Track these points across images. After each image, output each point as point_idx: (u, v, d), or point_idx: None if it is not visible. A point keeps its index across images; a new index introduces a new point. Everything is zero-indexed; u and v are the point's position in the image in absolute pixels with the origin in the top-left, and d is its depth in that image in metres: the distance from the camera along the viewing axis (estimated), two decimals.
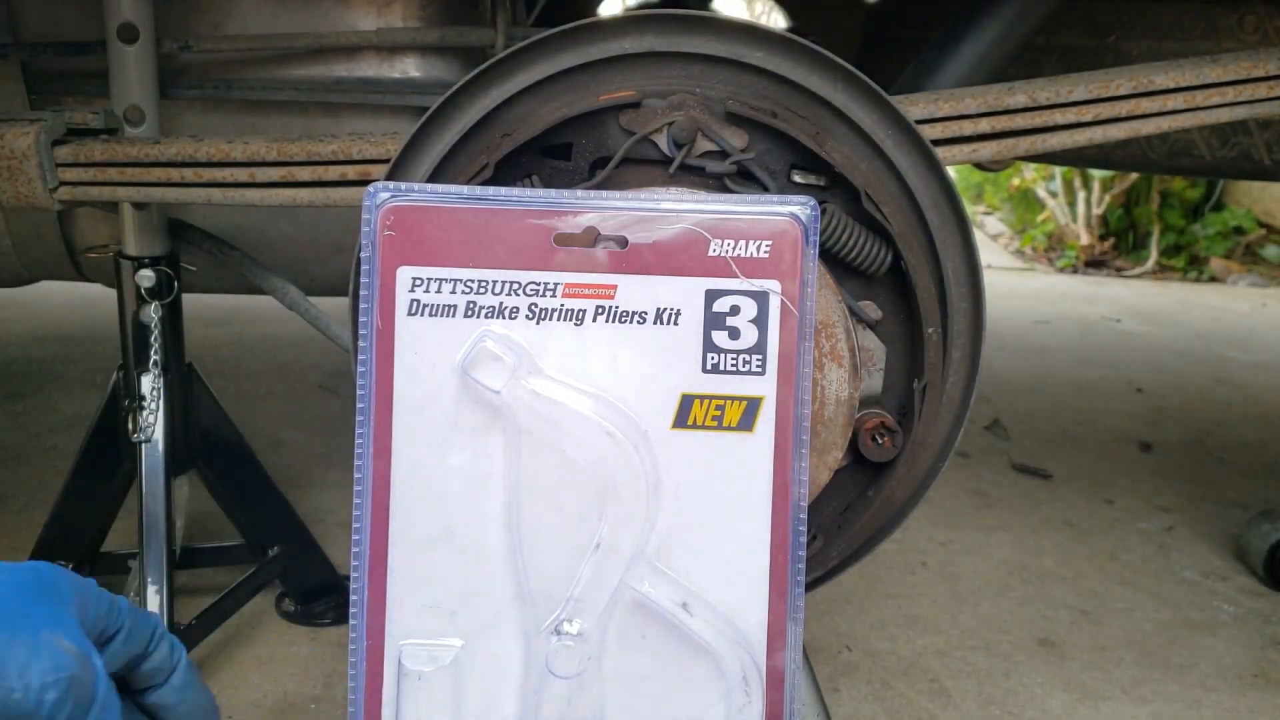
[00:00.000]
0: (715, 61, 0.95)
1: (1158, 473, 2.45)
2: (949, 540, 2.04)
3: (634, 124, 0.94)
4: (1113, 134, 1.08)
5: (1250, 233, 5.21)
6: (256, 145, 1.10)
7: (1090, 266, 5.24)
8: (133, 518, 1.40)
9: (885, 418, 0.97)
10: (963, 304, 0.98)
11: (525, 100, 0.95)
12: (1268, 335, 3.96)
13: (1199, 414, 2.91)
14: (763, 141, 0.95)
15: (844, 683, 1.54)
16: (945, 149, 1.05)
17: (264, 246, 1.49)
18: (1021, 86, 1.07)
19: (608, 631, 0.79)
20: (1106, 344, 3.69)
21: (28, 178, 1.12)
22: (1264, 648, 1.70)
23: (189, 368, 1.48)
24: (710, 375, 0.79)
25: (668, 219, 0.78)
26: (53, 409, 2.47)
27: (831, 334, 0.93)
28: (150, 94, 1.30)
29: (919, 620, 1.73)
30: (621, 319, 0.79)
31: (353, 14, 1.42)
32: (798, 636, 0.80)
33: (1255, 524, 1.95)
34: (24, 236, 1.51)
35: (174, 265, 1.39)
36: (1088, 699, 1.53)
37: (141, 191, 1.14)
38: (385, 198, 0.78)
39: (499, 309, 0.78)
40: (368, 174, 1.08)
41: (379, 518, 0.79)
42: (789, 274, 0.78)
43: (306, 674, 1.48)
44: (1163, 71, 1.08)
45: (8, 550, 1.75)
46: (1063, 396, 3.01)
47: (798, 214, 0.78)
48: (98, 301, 3.10)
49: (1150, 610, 1.80)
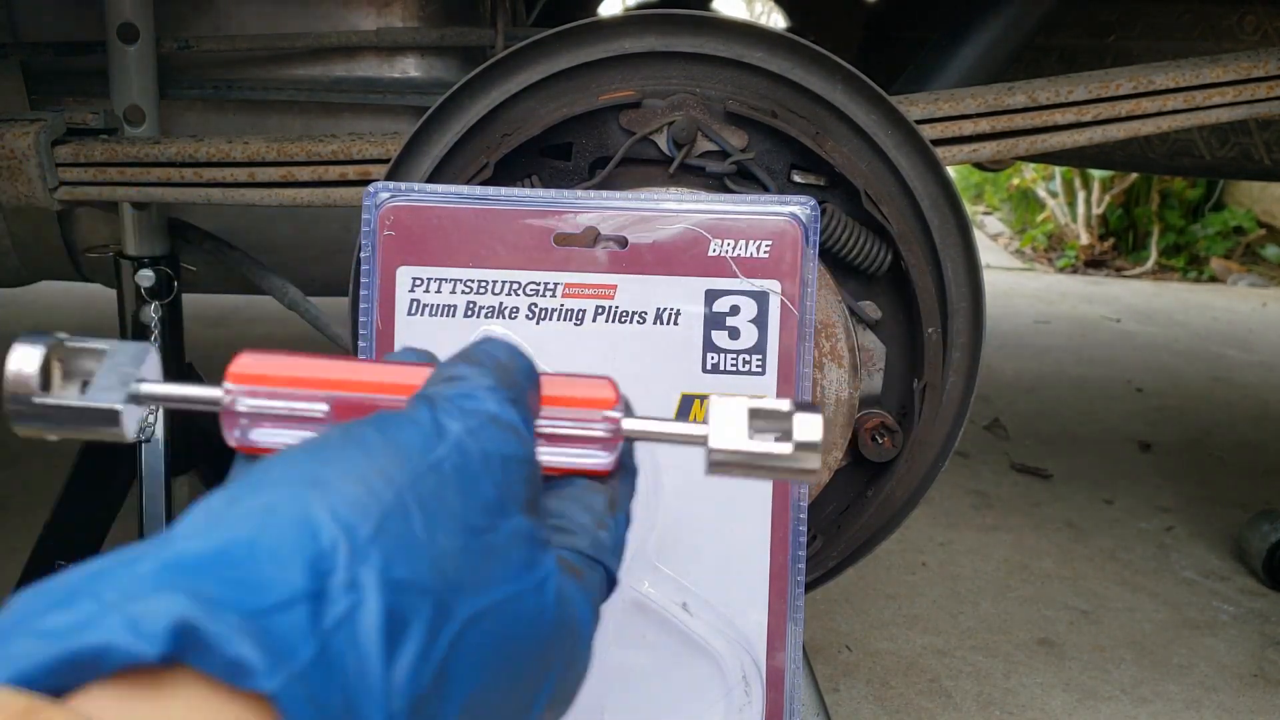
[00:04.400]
0: (715, 61, 0.95)
1: (1158, 473, 2.44)
2: (949, 540, 2.04)
3: (634, 124, 0.94)
4: (1113, 134, 1.08)
5: (1250, 233, 5.21)
6: (256, 145, 1.10)
7: (1090, 266, 5.23)
8: (133, 518, 1.40)
9: (885, 418, 0.97)
10: (963, 304, 0.98)
11: (525, 100, 0.95)
12: (1267, 335, 3.96)
13: (1199, 414, 2.91)
14: (763, 141, 0.95)
15: (844, 683, 1.54)
16: (945, 149, 1.05)
17: (264, 246, 1.49)
18: (1021, 86, 1.07)
19: (608, 631, 0.79)
20: (1106, 344, 3.69)
21: (28, 177, 1.12)
22: (1264, 648, 1.70)
23: (189, 368, 1.47)
24: (710, 375, 0.79)
25: (668, 219, 0.78)
26: None
27: (831, 334, 0.93)
28: (150, 94, 1.30)
29: (919, 620, 1.73)
30: (621, 319, 0.79)
31: (353, 14, 1.42)
32: (798, 636, 0.80)
33: (1255, 524, 1.95)
34: (24, 236, 1.51)
35: (174, 265, 1.39)
36: (1088, 699, 1.53)
37: (141, 191, 1.14)
38: (385, 198, 0.78)
39: (499, 309, 0.78)
40: (368, 174, 1.08)
41: None
42: (789, 274, 0.78)
43: None
44: (1163, 71, 1.08)
45: (8, 550, 1.75)
46: (1063, 396, 3.01)
47: (798, 214, 0.78)
48: (98, 301, 3.10)
49: (1150, 610, 1.80)
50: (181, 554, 0.32)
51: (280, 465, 0.36)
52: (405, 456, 0.37)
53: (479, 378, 0.43)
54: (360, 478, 0.35)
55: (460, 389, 0.42)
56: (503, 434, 0.41)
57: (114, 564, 0.32)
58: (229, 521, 0.33)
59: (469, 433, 0.40)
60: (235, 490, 0.35)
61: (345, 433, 0.38)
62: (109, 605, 0.30)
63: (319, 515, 0.34)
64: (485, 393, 0.42)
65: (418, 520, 0.36)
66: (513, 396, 0.43)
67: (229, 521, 0.33)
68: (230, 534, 0.33)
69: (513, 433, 0.42)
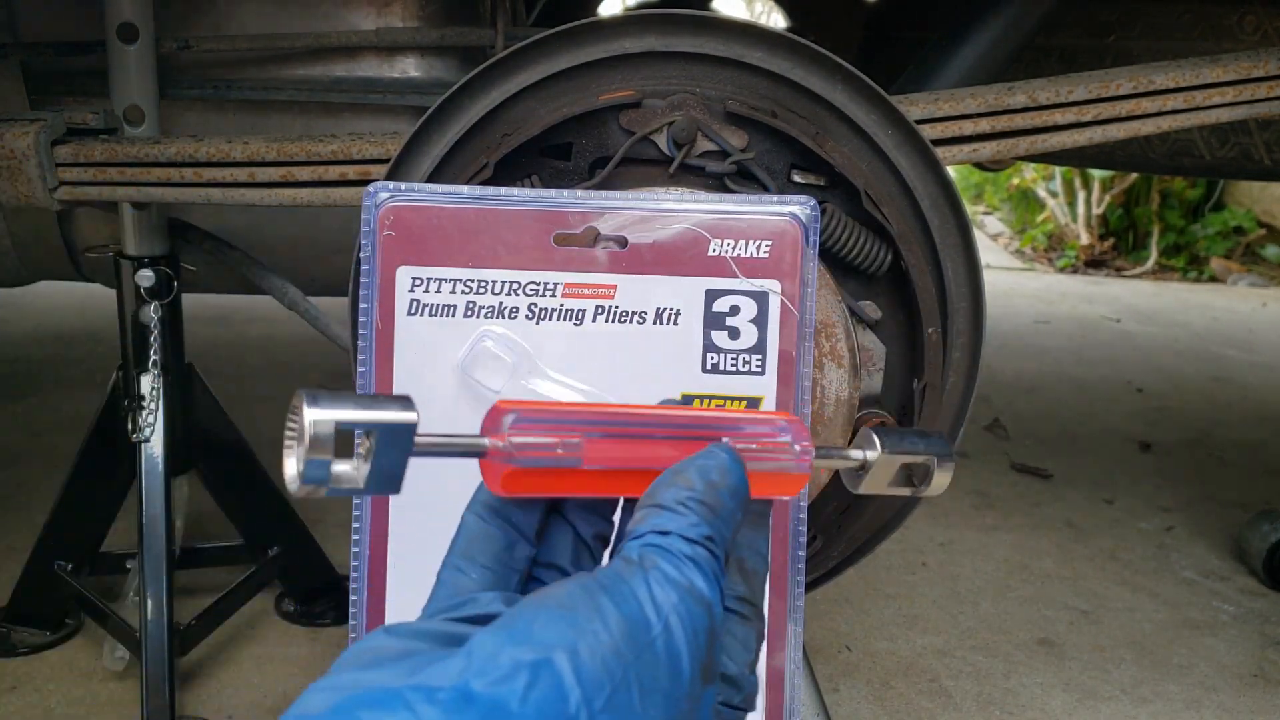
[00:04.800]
0: (715, 61, 0.95)
1: (1158, 473, 2.44)
2: (949, 540, 2.04)
3: (634, 124, 0.94)
4: (1113, 134, 1.08)
5: (1250, 233, 5.21)
6: (256, 145, 1.10)
7: (1090, 266, 5.24)
8: (133, 518, 1.40)
9: (885, 418, 0.97)
10: (963, 304, 0.98)
11: (525, 100, 0.95)
12: (1268, 335, 3.96)
13: (1199, 414, 2.91)
14: (763, 141, 0.95)
15: (844, 683, 1.54)
16: (945, 149, 1.05)
17: (264, 246, 1.49)
18: (1021, 86, 1.07)
19: None
20: (1106, 344, 3.69)
21: (28, 178, 1.12)
22: (1264, 648, 1.70)
23: (189, 368, 1.47)
24: (710, 375, 0.79)
25: (668, 219, 0.78)
26: (53, 409, 2.47)
27: (831, 334, 0.93)
28: (150, 94, 1.30)
29: (919, 620, 1.73)
30: (621, 319, 0.78)
31: (353, 14, 1.42)
32: (798, 636, 0.79)
33: (1255, 524, 1.95)
34: (24, 236, 1.51)
35: (174, 265, 1.39)
36: (1088, 699, 1.53)
37: (141, 191, 1.14)
38: (385, 197, 0.78)
39: (499, 309, 0.78)
40: (367, 174, 1.08)
41: (379, 518, 0.79)
42: (789, 274, 0.78)
43: (306, 674, 1.48)
44: (1163, 71, 1.08)
45: (7, 550, 1.75)
46: (1063, 396, 3.01)
47: (798, 214, 0.78)
48: (98, 301, 3.10)
49: (1150, 610, 1.80)
50: (474, 689, 0.38)
51: (542, 621, 0.42)
52: (631, 633, 0.42)
53: (683, 517, 0.48)
54: (600, 652, 0.41)
55: (662, 536, 0.47)
56: (702, 610, 0.46)
57: (426, 678, 0.39)
58: (501, 671, 0.39)
59: (675, 611, 0.44)
60: (506, 634, 0.41)
61: (587, 595, 0.43)
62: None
63: (570, 684, 0.39)
64: (683, 546, 0.47)
65: (635, 695, 0.41)
66: (706, 538, 0.48)
67: (501, 671, 0.39)
68: (505, 686, 0.39)
69: (708, 609, 0.46)
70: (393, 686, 0.38)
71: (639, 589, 0.44)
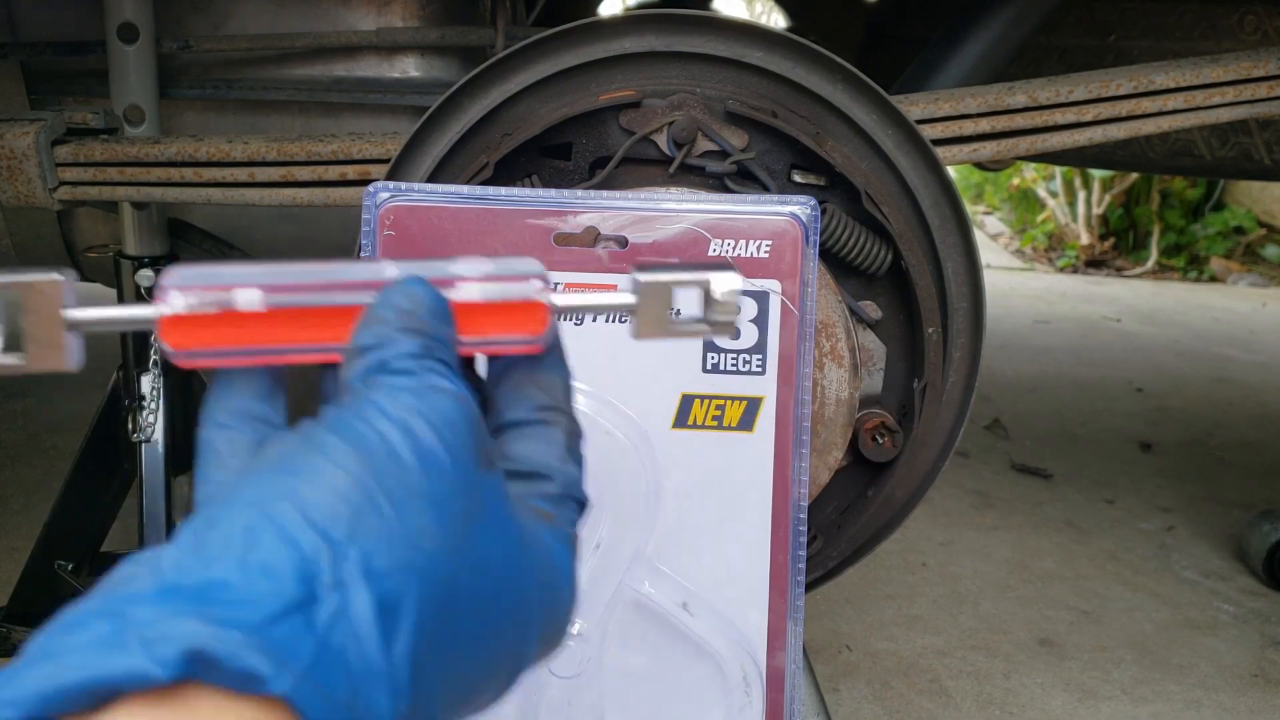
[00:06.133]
0: (715, 61, 0.95)
1: (1158, 473, 2.44)
2: (949, 540, 2.03)
3: (634, 124, 0.94)
4: (1113, 134, 1.08)
5: (1250, 233, 5.21)
6: (256, 145, 1.10)
7: (1090, 266, 5.23)
8: (133, 518, 1.40)
9: (885, 418, 0.97)
10: (963, 304, 0.98)
11: (525, 100, 0.95)
12: (1268, 335, 3.96)
13: (1199, 414, 2.91)
14: (763, 141, 0.95)
15: (844, 683, 1.54)
16: (945, 149, 1.05)
17: (264, 246, 1.49)
18: (1021, 86, 1.07)
19: (608, 632, 0.79)
20: (1107, 344, 3.69)
21: (28, 177, 1.12)
22: (1264, 648, 1.70)
23: None
24: (710, 375, 0.79)
25: (668, 219, 0.78)
26: (53, 409, 2.47)
27: (831, 334, 0.93)
28: (150, 94, 1.30)
29: (919, 620, 1.73)
30: (621, 319, 0.78)
31: (353, 14, 1.42)
32: (798, 636, 0.79)
33: (1255, 524, 1.95)
34: (24, 236, 1.51)
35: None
36: (1088, 699, 1.53)
37: (141, 191, 1.14)
38: (385, 198, 0.78)
39: None
40: (368, 174, 1.08)
41: None
42: (789, 274, 0.78)
43: None
44: (1163, 71, 1.08)
45: (7, 550, 1.75)
46: (1063, 396, 3.01)
47: (798, 214, 0.78)
48: (98, 301, 3.09)
49: (1150, 610, 1.80)
50: (179, 582, 0.35)
51: (252, 485, 0.39)
52: (365, 454, 0.40)
53: (392, 344, 0.44)
54: (327, 483, 0.38)
55: (381, 364, 0.44)
56: (448, 401, 0.43)
57: (119, 594, 0.35)
58: (215, 546, 0.36)
59: (413, 413, 0.42)
60: (213, 513, 0.38)
61: (306, 440, 0.41)
62: (125, 635, 0.34)
63: (296, 527, 0.37)
64: (405, 363, 0.44)
65: (387, 508, 0.39)
66: (424, 349, 0.44)
67: (215, 546, 0.36)
68: (220, 557, 0.36)
69: (454, 398, 0.43)
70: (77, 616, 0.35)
71: (367, 411, 0.41)
